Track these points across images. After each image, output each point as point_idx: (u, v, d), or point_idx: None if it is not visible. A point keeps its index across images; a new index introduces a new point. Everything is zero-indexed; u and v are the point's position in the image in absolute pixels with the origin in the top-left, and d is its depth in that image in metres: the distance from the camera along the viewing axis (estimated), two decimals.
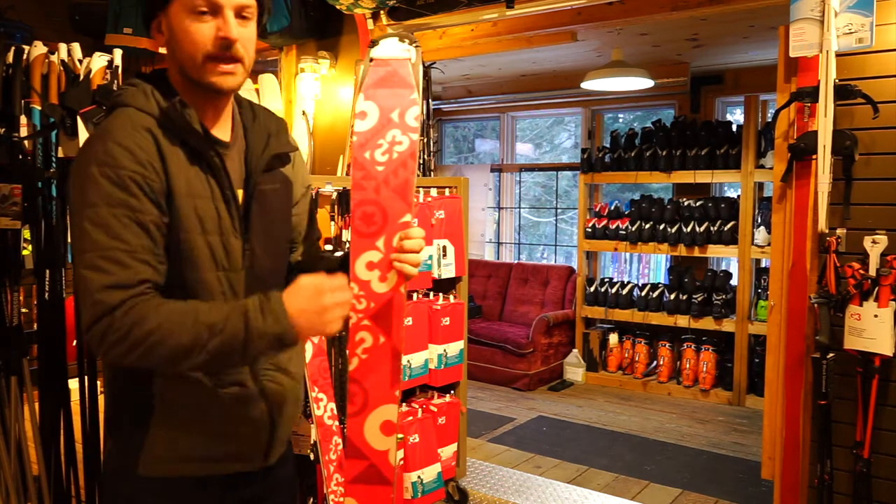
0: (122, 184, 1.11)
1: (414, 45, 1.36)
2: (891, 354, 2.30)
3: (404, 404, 3.05)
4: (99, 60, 2.34)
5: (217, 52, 1.18)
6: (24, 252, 2.34)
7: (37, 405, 2.41)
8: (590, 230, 5.44)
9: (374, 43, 1.37)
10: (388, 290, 1.35)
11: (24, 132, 2.28)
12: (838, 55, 2.41)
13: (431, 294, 3.14)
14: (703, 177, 4.96)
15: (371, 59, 1.37)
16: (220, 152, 1.24)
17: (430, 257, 3.01)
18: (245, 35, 1.20)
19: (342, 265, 1.38)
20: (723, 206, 4.92)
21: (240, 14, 1.19)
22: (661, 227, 5.08)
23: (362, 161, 1.34)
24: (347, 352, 1.38)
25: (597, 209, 5.56)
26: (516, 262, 6.37)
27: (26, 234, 2.33)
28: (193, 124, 1.19)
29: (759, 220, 4.75)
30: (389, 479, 1.42)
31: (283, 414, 1.35)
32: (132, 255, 1.11)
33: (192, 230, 1.18)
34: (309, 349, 2.54)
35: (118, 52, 2.40)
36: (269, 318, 1.11)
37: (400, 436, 2.82)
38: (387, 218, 1.34)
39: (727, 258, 5.33)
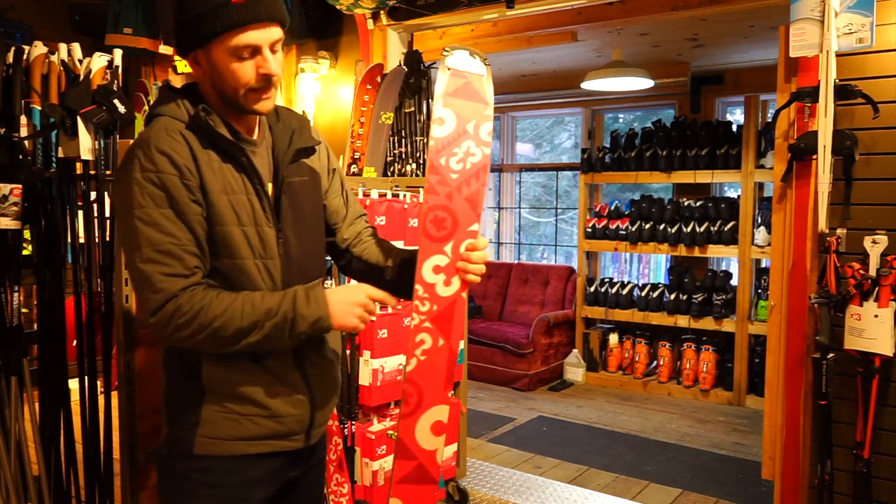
0: (165, 186, 1.25)
1: (485, 62, 1.44)
2: (891, 354, 2.30)
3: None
4: (99, 60, 2.33)
5: (259, 86, 1.30)
6: (25, 252, 2.34)
7: (37, 405, 2.41)
8: (590, 230, 5.44)
9: (446, 51, 1.41)
10: (451, 294, 1.39)
11: (24, 132, 2.28)
12: (838, 55, 2.41)
13: None
14: (703, 177, 4.96)
15: (448, 69, 1.40)
16: (248, 151, 1.35)
17: None
18: (277, 61, 1.32)
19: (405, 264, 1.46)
20: (723, 206, 4.92)
21: (273, 48, 1.30)
22: (661, 227, 5.08)
23: (438, 166, 1.38)
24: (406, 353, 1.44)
25: (597, 209, 5.56)
26: (516, 262, 6.37)
27: (26, 234, 2.32)
28: (219, 129, 1.31)
29: (759, 220, 4.75)
30: (435, 478, 1.45)
31: (321, 395, 1.45)
32: (183, 248, 1.26)
33: (230, 223, 1.31)
34: None
35: (118, 52, 2.40)
36: (311, 304, 1.30)
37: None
38: (457, 224, 1.39)
39: (727, 258, 5.33)
